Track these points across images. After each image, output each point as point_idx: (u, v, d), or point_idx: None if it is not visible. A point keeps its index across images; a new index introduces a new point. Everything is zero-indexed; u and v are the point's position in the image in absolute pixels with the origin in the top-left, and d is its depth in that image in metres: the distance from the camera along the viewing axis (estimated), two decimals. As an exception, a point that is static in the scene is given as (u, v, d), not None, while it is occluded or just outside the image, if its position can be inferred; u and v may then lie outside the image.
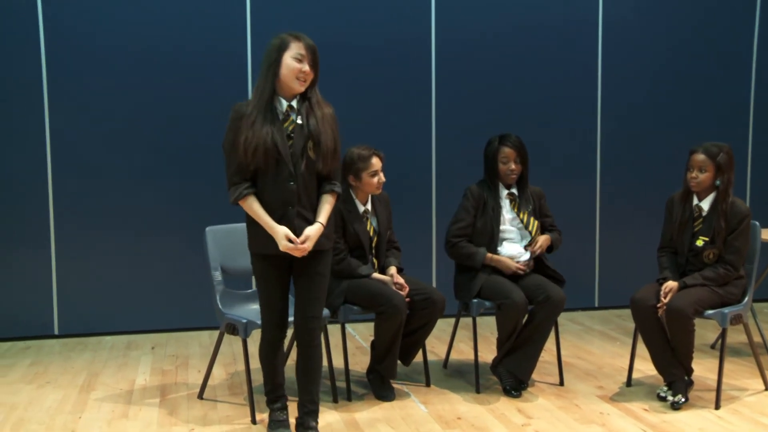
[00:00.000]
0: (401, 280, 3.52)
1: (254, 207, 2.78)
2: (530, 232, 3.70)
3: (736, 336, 4.68)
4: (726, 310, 3.39)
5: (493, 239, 3.68)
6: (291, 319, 3.00)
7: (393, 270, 3.61)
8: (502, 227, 3.70)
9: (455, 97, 5.14)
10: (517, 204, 3.73)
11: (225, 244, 3.54)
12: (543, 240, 3.69)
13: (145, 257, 4.75)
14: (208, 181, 4.71)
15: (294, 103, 2.79)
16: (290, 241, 2.77)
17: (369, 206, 3.65)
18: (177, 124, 4.74)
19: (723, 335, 3.45)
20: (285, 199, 2.77)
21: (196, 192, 4.76)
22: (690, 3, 5.43)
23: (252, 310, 3.47)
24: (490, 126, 5.10)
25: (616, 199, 5.45)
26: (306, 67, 2.75)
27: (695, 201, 3.51)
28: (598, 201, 5.44)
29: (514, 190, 3.75)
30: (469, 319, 3.84)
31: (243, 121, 2.72)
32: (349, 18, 4.93)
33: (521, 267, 3.65)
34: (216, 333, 4.72)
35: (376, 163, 3.55)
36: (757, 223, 3.56)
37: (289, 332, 3.20)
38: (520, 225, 3.71)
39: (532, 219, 3.72)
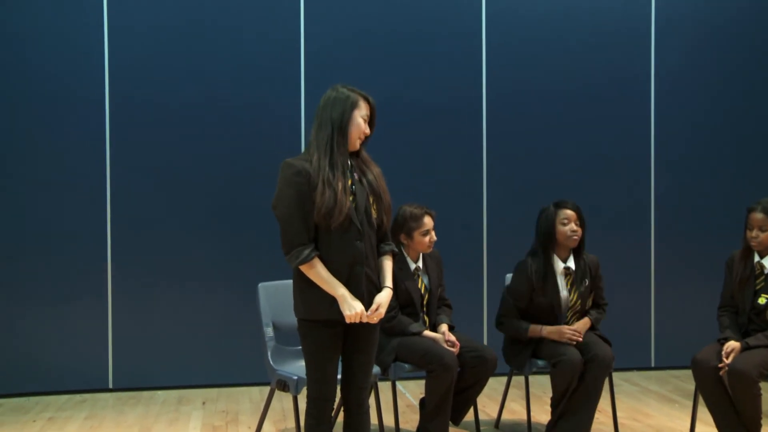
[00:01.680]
0: (453, 338, 3.52)
1: (322, 272, 2.60)
2: (568, 316, 3.64)
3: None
4: (794, 373, 3.28)
5: (557, 320, 3.62)
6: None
7: (444, 327, 3.61)
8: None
9: (506, 153, 5.17)
10: (572, 279, 3.64)
11: (277, 300, 3.56)
12: (582, 326, 3.61)
13: (198, 311, 4.83)
14: (262, 237, 4.80)
15: (349, 160, 2.71)
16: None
17: (420, 264, 3.68)
18: (233, 180, 4.86)
19: (792, 400, 3.33)
20: (353, 259, 2.62)
21: (250, 247, 4.84)
22: (744, 53, 5.39)
23: (303, 367, 3.48)
24: (541, 181, 5.13)
25: (672, 254, 5.35)
26: (368, 130, 2.72)
27: (756, 258, 3.45)
28: (653, 255, 5.36)
29: (571, 264, 3.65)
30: (521, 378, 3.79)
31: (317, 178, 2.57)
32: (400, 75, 5.03)
33: (576, 335, 3.56)
34: (266, 389, 4.73)
35: (428, 222, 3.59)
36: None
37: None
38: (569, 304, 3.65)
39: (579, 302, 3.65)
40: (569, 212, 3.61)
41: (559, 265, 3.65)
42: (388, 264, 2.77)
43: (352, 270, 2.63)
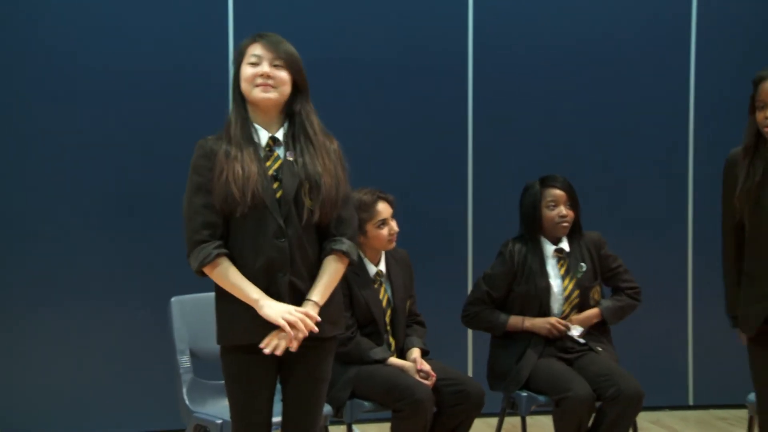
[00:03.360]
0: (427, 367, 3.54)
1: (230, 273, 2.65)
2: (565, 309, 3.78)
3: None
4: None
5: (543, 314, 3.77)
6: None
7: (416, 353, 3.64)
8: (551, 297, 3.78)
9: (498, 129, 5.21)
10: (566, 265, 3.78)
11: (196, 318, 3.57)
12: (581, 319, 3.77)
13: (88, 338, 4.79)
14: (177, 238, 4.71)
15: (280, 135, 2.74)
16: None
17: (383, 267, 3.70)
18: (138, 163, 4.84)
19: None
20: (271, 262, 2.65)
21: (160, 251, 4.82)
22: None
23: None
24: (542, 167, 5.15)
25: (715, 263, 5.37)
26: (264, 68, 2.69)
27: None
28: (690, 265, 5.44)
29: (564, 245, 3.81)
30: (517, 419, 3.83)
31: (216, 158, 2.66)
32: (358, 30, 5.05)
33: (560, 323, 3.70)
34: (182, 439, 4.73)
35: (383, 209, 3.63)
36: None
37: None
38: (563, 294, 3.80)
39: (577, 292, 3.78)
40: (557, 192, 3.77)
41: (549, 248, 3.80)
42: (327, 267, 2.73)
43: (271, 277, 2.66)
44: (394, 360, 3.58)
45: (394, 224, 3.65)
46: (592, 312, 3.80)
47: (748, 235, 3.16)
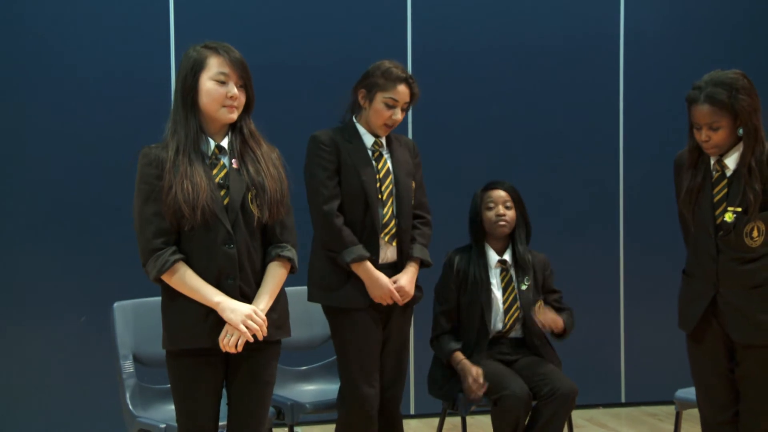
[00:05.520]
0: (408, 291, 3.39)
1: (188, 278, 2.67)
2: (507, 322, 3.75)
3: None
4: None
5: (484, 329, 3.74)
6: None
7: (402, 275, 3.44)
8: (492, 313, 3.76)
9: (437, 133, 5.27)
10: (508, 277, 3.79)
11: (139, 324, 3.56)
12: (549, 320, 3.66)
13: (28, 344, 4.76)
14: (119, 243, 4.73)
15: (224, 143, 2.77)
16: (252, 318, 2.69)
17: (383, 140, 3.47)
18: (81, 169, 4.82)
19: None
20: (221, 268, 2.69)
21: (103, 256, 4.79)
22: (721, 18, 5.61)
23: (173, 411, 3.47)
24: (481, 172, 5.24)
25: (646, 264, 5.52)
26: (234, 90, 2.71)
27: (713, 158, 3.21)
28: (622, 267, 5.55)
29: (507, 257, 3.81)
30: (457, 419, 3.90)
31: (164, 168, 2.66)
32: (298, 37, 5.09)
33: (477, 384, 3.56)
34: (124, 444, 4.70)
35: (401, 91, 3.37)
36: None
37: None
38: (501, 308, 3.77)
39: (517, 304, 3.76)
40: (496, 193, 3.75)
41: (493, 258, 3.78)
42: (271, 273, 2.79)
43: (220, 284, 2.70)
44: (367, 269, 3.31)
45: (399, 112, 3.37)
46: (559, 322, 3.69)
47: (690, 235, 3.29)
